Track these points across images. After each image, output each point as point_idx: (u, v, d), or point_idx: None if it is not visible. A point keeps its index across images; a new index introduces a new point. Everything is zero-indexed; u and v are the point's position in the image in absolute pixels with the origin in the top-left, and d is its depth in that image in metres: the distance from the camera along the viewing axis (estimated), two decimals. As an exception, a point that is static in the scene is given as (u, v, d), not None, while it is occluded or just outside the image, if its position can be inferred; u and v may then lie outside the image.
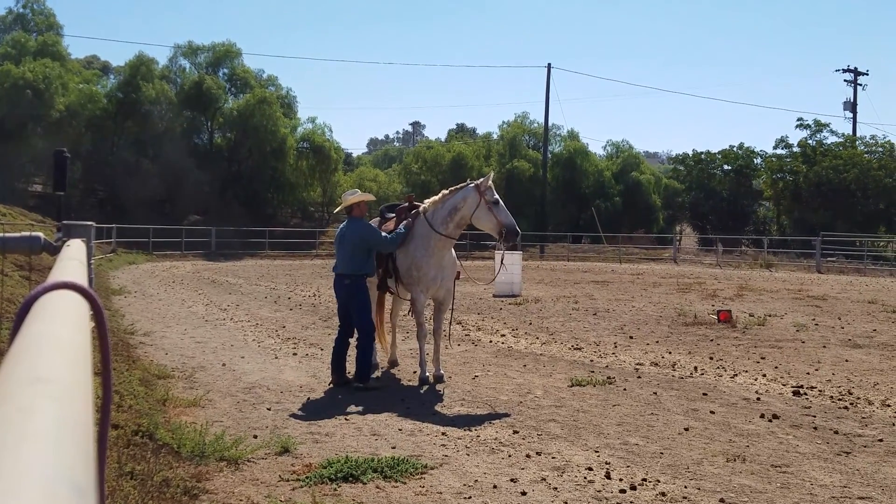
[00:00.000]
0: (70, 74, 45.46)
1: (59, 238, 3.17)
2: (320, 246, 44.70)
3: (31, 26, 49.71)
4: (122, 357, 9.35)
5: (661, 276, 29.25)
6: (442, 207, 9.05)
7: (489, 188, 8.90)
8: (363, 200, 9.08)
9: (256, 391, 8.41)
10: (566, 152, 57.60)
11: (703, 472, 5.73)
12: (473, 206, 8.87)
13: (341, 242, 8.88)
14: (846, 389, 8.83)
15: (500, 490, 5.31)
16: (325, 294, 19.96)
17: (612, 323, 14.70)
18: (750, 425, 7.19)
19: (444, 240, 8.99)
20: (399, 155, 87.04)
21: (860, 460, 6.11)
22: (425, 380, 9.00)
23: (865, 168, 47.93)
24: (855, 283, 28.16)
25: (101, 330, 1.06)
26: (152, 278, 24.54)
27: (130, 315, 14.43)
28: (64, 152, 13.97)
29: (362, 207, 9.09)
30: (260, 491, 5.25)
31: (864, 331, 13.85)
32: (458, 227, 9.07)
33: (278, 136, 46.87)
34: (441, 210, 9.04)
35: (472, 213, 8.89)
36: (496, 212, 8.80)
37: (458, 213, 8.94)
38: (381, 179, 56.54)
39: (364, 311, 8.81)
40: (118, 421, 5.91)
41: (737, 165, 57.01)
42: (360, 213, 9.04)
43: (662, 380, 9.35)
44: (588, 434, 6.82)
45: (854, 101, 55.42)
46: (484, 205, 8.81)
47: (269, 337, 12.40)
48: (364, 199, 9.10)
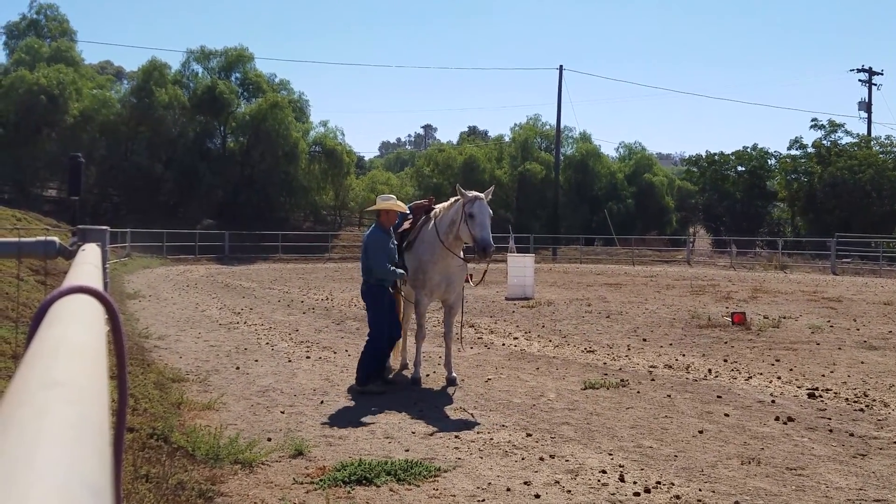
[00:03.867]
0: (84, 80, 45.78)
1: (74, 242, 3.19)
2: (333, 249, 44.78)
3: (45, 32, 50.07)
4: (137, 361, 9.39)
5: (674, 279, 29.14)
6: (446, 216, 9.03)
7: (472, 200, 8.71)
8: (392, 210, 9.00)
9: (270, 394, 8.43)
10: (578, 154, 57.52)
11: (717, 475, 5.71)
12: (459, 220, 8.83)
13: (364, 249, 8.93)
14: (862, 391, 8.77)
15: (513, 493, 5.30)
16: (338, 297, 20.00)
17: (626, 325, 14.65)
18: (765, 428, 7.15)
19: (447, 250, 8.96)
20: (411, 158, 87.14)
21: (876, 462, 6.06)
22: (417, 379, 9.11)
23: (881, 168, 47.63)
24: (870, 284, 27.97)
25: (116, 334, 1.07)
26: (166, 282, 24.65)
27: (145, 319, 14.50)
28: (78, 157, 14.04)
29: (391, 217, 9.00)
30: (274, 493, 5.26)
31: (880, 332, 13.75)
32: (458, 239, 8.94)
33: (290, 140, 46.96)
34: (445, 219, 9.02)
35: (457, 228, 8.85)
36: (470, 225, 8.62)
37: (455, 226, 8.89)
38: (393, 183, 56.55)
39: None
40: (133, 424, 5.94)
41: (750, 166, 56.78)
42: (388, 222, 8.95)
43: (676, 382, 9.31)
44: (602, 437, 6.80)
45: (869, 101, 55.16)
46: (463, 217, 8.73)
47: (282, 340, 12.43)
48: (395, 207, 9.02)
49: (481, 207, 8.66)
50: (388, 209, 8.93)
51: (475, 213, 8.62)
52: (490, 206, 8.87)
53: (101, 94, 45.35)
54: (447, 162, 54.89)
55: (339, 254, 44.35)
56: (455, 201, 9.03)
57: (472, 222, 8.61)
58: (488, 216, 8.68)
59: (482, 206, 8.67)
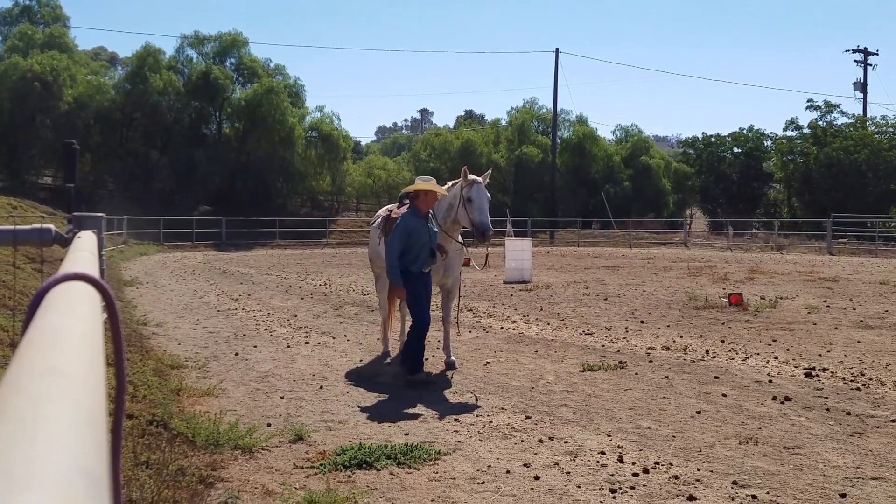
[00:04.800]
0: (78, 66, 45.58)
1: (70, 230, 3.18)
2: (330, 235, 44.78)
3: (38, 18, 49.85)
4: (136, 348, 9.40)
5: (671, 261, 29.18)
6: (444, 200, 8.92)
7: (470, 184, 8.58)
8: (432, 192, 8.46)
9: (269, 380, 8.45)
10: (575, 137, 57.42)
11: (715, 455, 5.73)
12: (457, 205, 8.74)
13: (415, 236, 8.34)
14: (858, 370, 8.80)
15: (513, 475, 5.32)
16: (336, 283, 20.01)
17: (623, 308, 14.68)
18: (762, 408, 7.18)
19: (445, 234, 8.89)
20: (408, 143, 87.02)
21: (873, 441, 6.09)
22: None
23: (876, 148, 47.67)
24: (866, 264, 28.02)
25: (113, 321, 1.06)
26: (164, 269, 24.63)
27: (143, 306, 14.50)
28: (73, 144, 14.03)
29: (429, 199, 8.49)
30: (275, 478, 5.28)
31: (876, 312, 13.79)
32: (456, 223, 8.84)
33: (286, 125, 46.79)
34: (443, 203, 8.92)
35: (455, 212, 8.78)
36: (469, 209, 8.53)
37: (453, 210, 8.79)
38: (389, 167, 56.51)
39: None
40: (133, 411, 5.96)
41: (747, 148, 56.79)
42: (425, 205, 8.47)
43: (674, 364, 9.34)
44: (600, 418, 6.83)
45: (864, 82, 55.04)
46: (462, 201, 8.64)
47: (280, 326, 12.44)
48: (435, 189, 8.49)
49: (479, 191, 8.60)
50: (426, 190, 8.45)
51: (473, 197, 8.55)
52: (487, 189, 8.83)
53: (95, 80, 45.14)
54: (444, 146, 54.80)
55: (336, 239, 44.35)
56: (453, 185, 9.00)
57: (470, 206, 8.55)
58: (486, 200, 8.63)
59: (480, 190, 8.61)
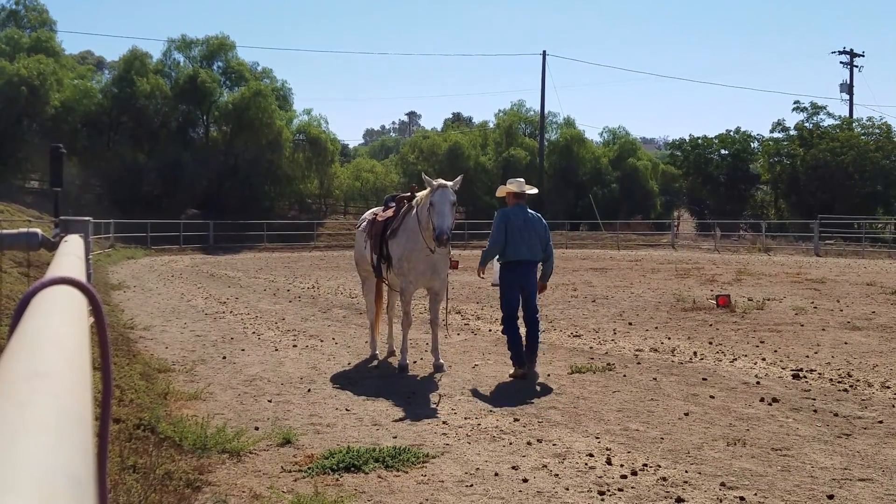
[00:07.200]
0: (64, 70, 45.29)
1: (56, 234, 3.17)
2: (318, 238, 44.67)
3: (25, 23, 49.49)
4: (123, 351, 9.36)
5: (659, 262, 29.26)
6: (425, 204, 9.04)
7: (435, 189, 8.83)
8: (509, 192, 9.33)
9: (257, 383, 8.43)
10: (563, 140, 57.45)
11: (703, 457, 5.76)
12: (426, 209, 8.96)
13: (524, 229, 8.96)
14: (846, 372, 8.85)
15: (501, 477, 5.33)
16: (324, 286, 19.97)
17: (611, 309, 14.72)
18: (750, 409, 7.21)
19: (430, 237, 8.96)
20: (395, 145, 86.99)
21: (860, 442, 6.13)
22: (404, 367, 9.13)
23: (863, 150, 47.90)
24: (853, 265, 28.18)
25: (99, 324, 1.06)
26: (151, 273, 24.53)
27: (130, 310, 14.43)
28: (60, 148, 13.93)
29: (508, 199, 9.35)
30: (262, 482, 5.27)
31: (863, 313, 13.87)
32: (428, 227, 8.96)
33: (274, 128, 46.67)
34: (425, 207, 9.03)
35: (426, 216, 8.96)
36: (430, 213, 8.78)
37: (424, 214, 9.00)
38: (377, 170, 56.45)
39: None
40: (120, 415, 5.93)
41: (734, 150, 56.92)
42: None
43: (662, 365, 9.37)
44: (588, 421, 6.84)
45: (850, 83, 55.31)
46: (427, 205, 8.87)
47: (268, 329, 12.41)
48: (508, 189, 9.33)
49: (442, 195, 8.76)
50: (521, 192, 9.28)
51: (434, 202, 8.77)
52: (474, 192, 8.91)
53: (82, 84, 44.90)
54: (432, 149, 54.75)
55: (324, 242, 44.25)
56: (433, 190, 9.07)
57: (432, 210, 8.76)
58: (448, 203, 8.74)
59: (443, 194, 8.76)
